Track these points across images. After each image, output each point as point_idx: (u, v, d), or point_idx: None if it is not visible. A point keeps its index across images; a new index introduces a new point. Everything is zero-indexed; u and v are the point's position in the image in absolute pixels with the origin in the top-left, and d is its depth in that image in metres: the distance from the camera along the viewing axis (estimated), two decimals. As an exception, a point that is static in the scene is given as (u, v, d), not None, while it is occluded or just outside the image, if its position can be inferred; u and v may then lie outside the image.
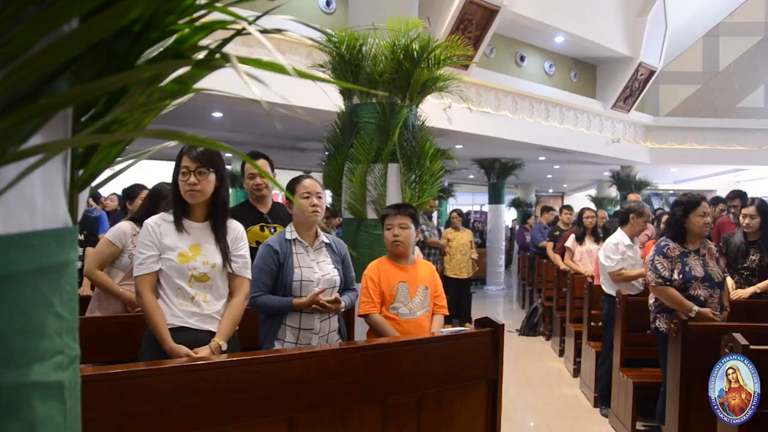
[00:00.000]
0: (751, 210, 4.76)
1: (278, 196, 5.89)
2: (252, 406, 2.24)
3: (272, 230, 3.87)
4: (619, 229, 5.34)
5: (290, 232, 3.12)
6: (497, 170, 14.52)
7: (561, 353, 7.29)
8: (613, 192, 16.13)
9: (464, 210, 23.16)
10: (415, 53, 4.38)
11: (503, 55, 11.81)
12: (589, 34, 12.02)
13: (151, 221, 2.70)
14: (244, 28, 0.65)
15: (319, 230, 3.17)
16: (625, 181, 15.13)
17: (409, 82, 4.45)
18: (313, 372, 2.43)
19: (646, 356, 4.81)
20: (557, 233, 9.06)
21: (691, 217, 3.96)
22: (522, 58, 12.14)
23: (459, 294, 8.70)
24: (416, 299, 3.32)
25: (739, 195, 6.13)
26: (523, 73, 12.07)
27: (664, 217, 5.55)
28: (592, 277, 6.14)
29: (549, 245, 8.96)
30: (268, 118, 7.69)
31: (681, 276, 3.88)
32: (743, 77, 16.21)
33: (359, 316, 3.37)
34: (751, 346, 2.74)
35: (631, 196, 8.20)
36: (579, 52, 13.01)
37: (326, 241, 3.15)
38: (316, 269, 3.05)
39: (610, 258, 5.18)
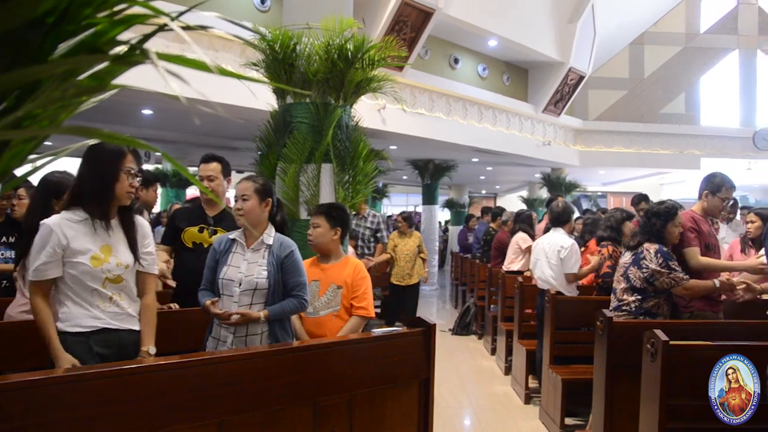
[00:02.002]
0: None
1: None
2: (182, 411, 2.19)
3: (212, 233, 3.81)
4: (560, 230, 5.45)
5: (238, 232, 3.12)
6: (431, 171, 14.65)
7: (493, 351, 7.42)
8: (544, 193, 16.51)
9: (399, 210, 23.36)
10: (349, 53, 4.37)
11: (438, 58, 11.94)
12: (522, 39, 12.28)
13: (53, 222, 2.50)
14: (166, 24, 0.63)
15: (267, 232, 3.10)
16: (555, 182, 15.51)
17: (343, 82, 4.44)
18: (245, 374, 2.39)
19: (574, 353, 4.97)
20: (488, 238, 9.27)
21: (669, 227, 4.09)
22: (456, 61, 12.30)
23: (403, 297, 8.62)
24: (323, 298, 3.32)
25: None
26: (457, 76, 12.23)
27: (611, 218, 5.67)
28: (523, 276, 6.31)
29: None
30: (200, 117, 7.55)
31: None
32: (666, 84, 16.88)
33: None
34: (671, 342, 2.86)
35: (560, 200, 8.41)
36: (512, 56, 13.28)
37: (268, 243, 3.07)
38: (242, 269, 3.00)
39: (569, 260, 5.30)
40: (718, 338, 3.16)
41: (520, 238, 7.59)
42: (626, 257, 4.18)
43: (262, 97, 4.47)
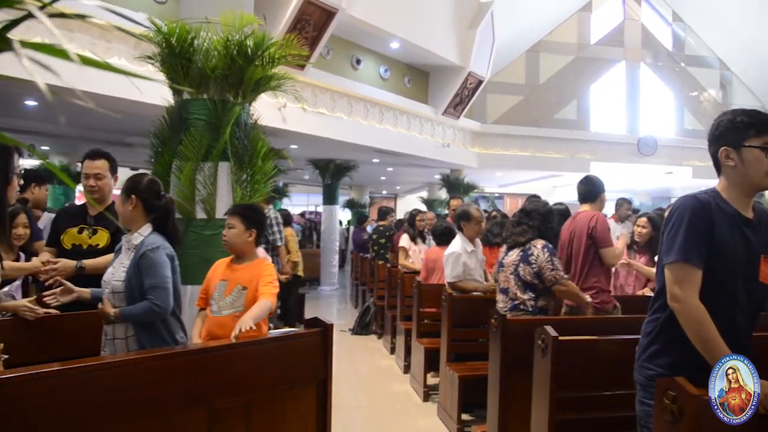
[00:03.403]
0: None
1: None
2: (58, 424, 2.06)
3: (92, 233, 3.65)
4: (459, 235, 5.53)
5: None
6: (332, 171, 14.63)
7: (392, 351, 7.49)
8: (444, 194, 16.83)
9: (299, 210, 23.21)
10: (249, 50, 4.29)
11: (340, 58, 11.93)
12: (423, 43, 12.45)
13: None
14: (36, 12, 0.58)
15: (139, 231, 3.00)
16: (454, 184, 15.82)
17: (242, 79, 4.35)
18: (134, 380, 2.30)
19: (470, 350, 5.11)
20: (375, 236, 9.41)
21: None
22: (358, 61, 12.34)
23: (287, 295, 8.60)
24: (228, 299, 3.27)
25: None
26: (359, 76, 12.27)
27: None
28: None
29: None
30: (89, 110, 7.18)
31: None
32: (559, 91, 17.62)
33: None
34: (560, 337, 2.99)
35: (453, 203, 8.58)
36: (413, 59, 13.44)
37: (136, 243, 2.97)
38: (112, 271, 2.95)
39: (451, 268, 5.37)
40: (609, 333, 3.33)
41: (402, 238, 7.80)
42: (513, 255, 4.29)
43: (157, 92, 4.31)
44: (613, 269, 5.08)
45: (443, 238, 6.31)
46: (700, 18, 18.44)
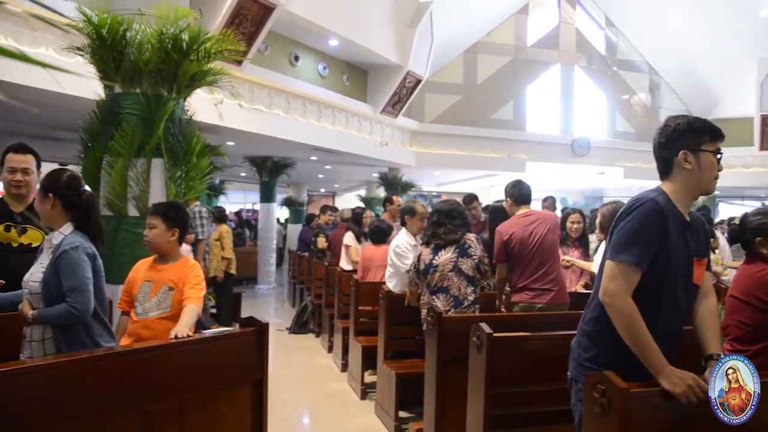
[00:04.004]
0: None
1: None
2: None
3: (21, 231, 3.49)
4: (403, 229, 5.54)
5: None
6: (269, 169, 14.47)
7: (330, 349, 7.46)
8: (382, 193, 16.87)
9: (236, 208, 22.90)
10: (184, 44, 4.21)
11: (278, 54, 11.82)
12: (362, 41, 12.45)
13: None
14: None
15: (60, 231, 2.87)
16: (392, 182, 15.88)
17: (176, 73, 4.26)
18: (60, 384, 2.22)
19: (408, 348, 5.13)
20: (323, 234, 9.42)
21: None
22: (296, 58, 12.24)
23: (221, 293, 8.52)
24: (154, 300, 3.19)
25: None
26: (298, 73, 12.18)
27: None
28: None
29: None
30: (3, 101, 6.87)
31: None
32: (496, 92, 17.90)
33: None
34: (495, 334, 3.04)
35: (396, 199, 8.60)
36: (352, 57, 13.43)
37: (55, 242, 2.84)
38: (32, 272, 2.84)
39: (396, 262, 5.36)
40: (542, 329, 3.41)
41: (347, 237, 7.78)
42: (447, 254, 4.36)
43: (87, 85, 4.18)
44: None
45: (376, 236, 6.35)
46: (631, 24, 19.05)
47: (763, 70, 17.12)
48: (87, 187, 3.27)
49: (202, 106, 6.32)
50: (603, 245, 4.83)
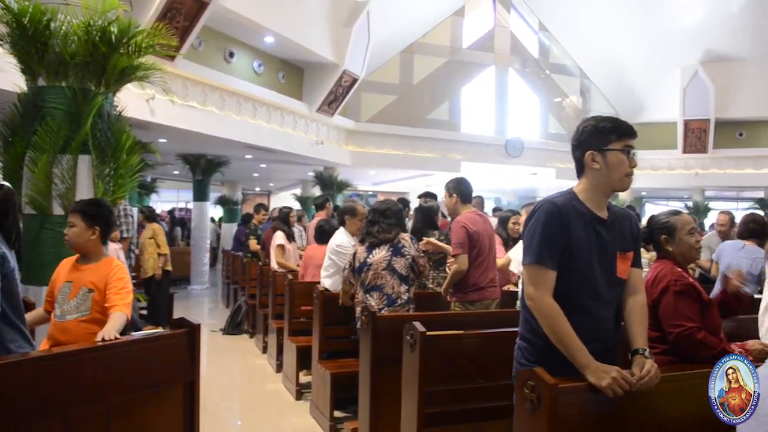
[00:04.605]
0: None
1: None
2: None
3: None
4: (342, 229, 5.51)
5: None
6: (203, 167, 14.21)
7: (264, 350, 7.39)
8: (317, 192, 16.79)
9: (169, 207, 22.41)
10: (113, 37, 4.07)
11: (212, 50, 11.59)
12: (298, 38, 12.34)
13: None
14: None
15: None
16: (328, 181, 15.82)
17: (105, 67, 4.12)
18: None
19: (343, 348, 5.11)
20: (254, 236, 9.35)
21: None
22: (231, 55, 12.04)
23: (157, 293, 8.34)
24: (73, 302, 3.09)
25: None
26: (232, 70, 11.98)
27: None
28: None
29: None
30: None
31: None
32: (432, 92, 18.06)
33: None
34: (428, 333, 3.06)
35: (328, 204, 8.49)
36: (288, 55, 13.30)
37: None
38: None
39: (336, 261, 5.32)
40: (474, 327, 3.45)
41: (278, 236, 7.71)
42: (381, 253, 4.38)
43: (6, 77, 4.01)
44: None
45: (319, 236, 6.32)
46: (563, 29, 19.55)
47: (686, 78, 17.91)
48: (6, 183, 3.13)
49: (133, 101, 6.16)
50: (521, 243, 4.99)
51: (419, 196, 7.08)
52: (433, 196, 7.03)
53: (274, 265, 7.63)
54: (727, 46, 17.22)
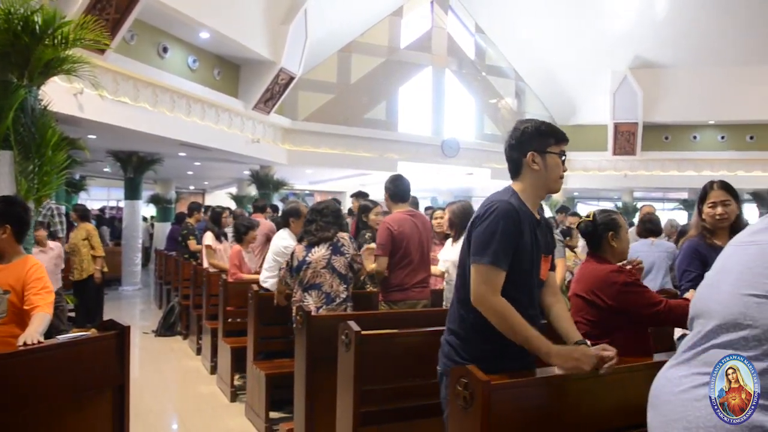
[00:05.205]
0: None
1: None
2: None
3: None
4: (287, 230, 5.43)
5: None
6: (135, 164, 13.84)
7: (198, 351, 7.25)
8: (253, 191, 16.60)
9: (99, 205, 21.75)
10: (37, 27, 3.92)
11: (145, 44, 11.27)
12: (235, 35, 12.12)
13: None
14: None
15: None
16: (264, 180, 15.65)
17: (28, 59, 3.95)
18: None
19: (278, 348, 5.06)
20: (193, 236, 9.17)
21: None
22: (165, 50, 11.73)
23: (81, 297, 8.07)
24: None
25: (361, 195, 7.20)
26: (166, 66, 11.68)
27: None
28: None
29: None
30: None
31: None
32: (370, 92, 18.06)
33: None
34: (363, 332, 3.05)
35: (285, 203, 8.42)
36: (224, 51, 13.06)
37: None
38: None
39: (277, 261, 5.23)
40: (409, 326, 3.46)
41: (207, 237, 7.57)
42: (320, 251, 4.35)
43: None
44: None
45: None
46: (499, 31, 19.87)
47: (616, 82, 18.51)
48: None
49: (60, 95, 5.95)
50: (450, 242, 5.04)
51: (352, 196, 7.07)
52: (365, 195, 7.04)
53: (206, 265, 7.50)
54: (654, 52, 17.92)
